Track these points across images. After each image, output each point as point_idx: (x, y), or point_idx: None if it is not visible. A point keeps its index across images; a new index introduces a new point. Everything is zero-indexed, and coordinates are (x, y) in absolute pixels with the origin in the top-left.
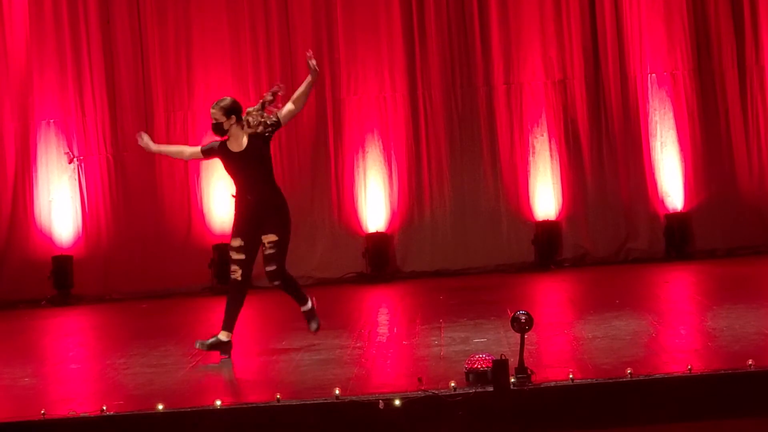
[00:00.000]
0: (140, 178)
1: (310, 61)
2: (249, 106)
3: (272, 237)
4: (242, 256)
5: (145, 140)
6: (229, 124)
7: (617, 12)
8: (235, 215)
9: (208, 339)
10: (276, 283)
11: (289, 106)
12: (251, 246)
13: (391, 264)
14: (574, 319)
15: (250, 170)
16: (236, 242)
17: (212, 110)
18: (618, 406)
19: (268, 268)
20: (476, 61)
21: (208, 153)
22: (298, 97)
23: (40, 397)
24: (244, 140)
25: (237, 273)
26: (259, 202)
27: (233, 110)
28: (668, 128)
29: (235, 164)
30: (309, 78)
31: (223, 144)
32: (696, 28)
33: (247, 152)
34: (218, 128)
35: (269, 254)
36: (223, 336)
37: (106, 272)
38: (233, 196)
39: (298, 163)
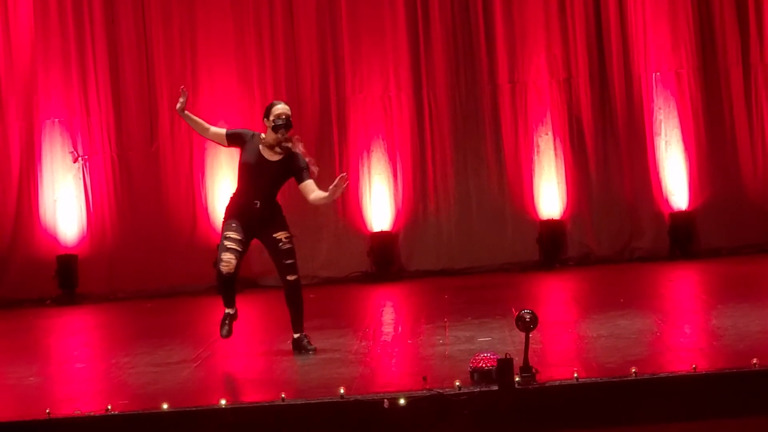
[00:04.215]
0: (145, 177)
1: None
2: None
3: (285, 233)
4: (239, 248)
5: (183, 101)
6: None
7: (622, 10)
8: (233, 212)
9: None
10: (294, 277)
11: (312, 187)
12: (245, 245)
13: (395, 263)
14: (579, 318)
15: (271, 182)
16: (236, 234)
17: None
18: (623, 404)
19: (288, 261)
20: (481, 59)
21: (234, 139)
22: (317, 197)
23: (45, 397)
24: (277, 153)
25: (230, 264)
26: (264, 210)
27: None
28: (673, 127)
29: (260, 170)
30: (326, 194)
31: (257, 141)
32: (700, 27)
33: (278, 165)
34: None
35: (287, 248)
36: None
37: (110, 271)
38: (234, 198)
39: None
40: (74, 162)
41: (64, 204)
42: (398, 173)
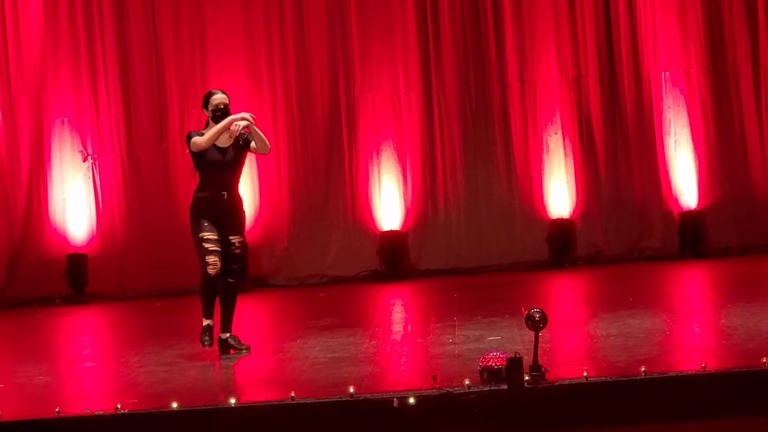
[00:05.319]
0: (154, 176)
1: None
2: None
3: (239, 237)
4: (219, 248)
5: None
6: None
7: (631, 9)
8: (201, 210)
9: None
10: (234, 281)
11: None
12: (221, 242)
13: (405, 262)
14: (588, 317)
15: (233, 168)
16: (212, 234)
17: (226, 96)
18: (632, 403)
19: (234, 266)
20: (490, 59)
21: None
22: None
23: (54, 395)
24: (227, 139)
25: (217, 266)
26: (230, 201)
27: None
28: (682, 126)
29: (221, 161)
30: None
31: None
32: (710, 26)
33: (232, 148)
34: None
35: (237, 254)
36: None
37: (120, 270)
38: (198, 194)
39: (312, 161)
40: (84, 161)
41: (74, 203)
42: (408, 172)
